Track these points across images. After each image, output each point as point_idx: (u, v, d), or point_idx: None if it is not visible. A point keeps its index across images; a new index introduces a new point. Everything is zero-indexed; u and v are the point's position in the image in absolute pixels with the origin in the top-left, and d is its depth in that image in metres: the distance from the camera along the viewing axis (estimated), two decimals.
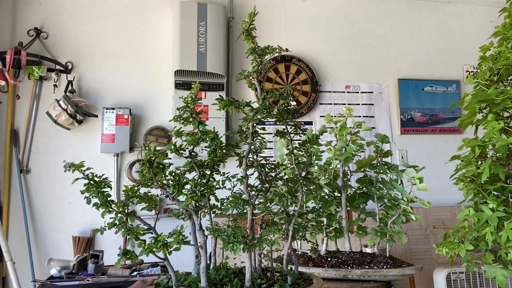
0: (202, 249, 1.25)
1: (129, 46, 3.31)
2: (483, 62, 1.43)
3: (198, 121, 1.27)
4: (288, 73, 3.51)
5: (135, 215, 1.24)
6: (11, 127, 3.05)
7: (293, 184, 1.36)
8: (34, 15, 3.19)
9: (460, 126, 1.44)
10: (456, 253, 1.27)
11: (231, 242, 1.13)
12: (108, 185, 1.26)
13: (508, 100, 1.23)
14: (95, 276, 2.30)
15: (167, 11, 3.37)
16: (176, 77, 3.16)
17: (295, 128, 1.39)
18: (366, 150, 2.07)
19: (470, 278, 2.66)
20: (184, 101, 1.28)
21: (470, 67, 3.84)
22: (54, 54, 3.18)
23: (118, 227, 1.19)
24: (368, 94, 3.66)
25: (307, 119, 3.53)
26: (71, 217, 3.07)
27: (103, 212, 1.21)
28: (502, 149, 1.20)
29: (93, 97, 3.20)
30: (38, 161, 3.09)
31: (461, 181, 1.36)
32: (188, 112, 1.28)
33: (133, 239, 1.19)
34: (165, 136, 3.20)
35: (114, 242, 3.07)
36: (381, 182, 2.00)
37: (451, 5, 3.91)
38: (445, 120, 3.73)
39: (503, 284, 1.20)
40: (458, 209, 3.39)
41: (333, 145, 2.04)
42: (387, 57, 3.73)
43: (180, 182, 1.23)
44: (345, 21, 3.70)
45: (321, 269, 1.72)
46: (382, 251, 1.94)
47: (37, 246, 3.01)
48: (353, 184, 2.08)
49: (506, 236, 1.14)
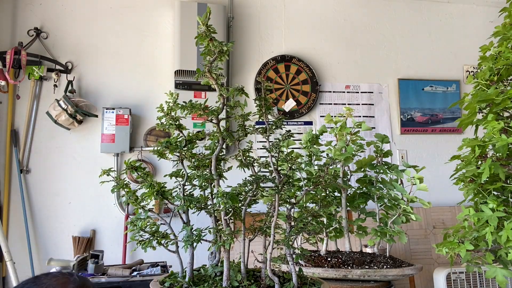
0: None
1: (129, 46, 3.31)
2: (483, 62, 1.43)
3: (176, 126, 1.34)
4: (288, 73, 3.51)
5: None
6: (11, 127, 3.05)
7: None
8: (34, 15, 3.19)
9: (460, 126, 1.44)
10: (456, 253, 1.27)
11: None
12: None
13: (508, 100, 1.23)
14: (95, 276, 2.30)
15: (167, 11, 3.37)
16: (176, 77, 3.16)
17: (275, 125, 1.38)
18: (366, 150, 2.07)
19: (470, 278, 2.66)
20: (160, 109, 1.34)
21: (470, 67, 3.84)
22: (54, 54, 3.18)
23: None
24: (368, 94, 3.66)
25: (307, 119, 3.53)
26: (71, 217, 3.07)
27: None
28: (502, 149, 1.20)
29: (93, 97, 3.20)
30: (38, 161, 3.09)
31: (461, 181, 1.37)
32: (168, 120, 1.36)
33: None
34: (165, 136, 3.20)
35: (114, 242, 3.08)
36: (381, 182, 2.00)
37: (451, 5, 3.91)
38: (445, 120, 3.73)
39: (503, 284, 1.20)
40: (458, 209, 3.39)
41: (333, 145, 2.04)
42: (387, 57, 3.73)
43: (189, 199, 1.28)
44: (345, 21, 3.70)
45: (321, 269, 1.72)
46: (382, 251, 1.94)
47: (37, 246, 3.00)
48: (353, 184, 2.07)
49: (506, 236, 1.14)
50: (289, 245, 1.27)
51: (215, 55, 1.29)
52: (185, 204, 1.29)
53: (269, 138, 1.38)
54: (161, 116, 1.38)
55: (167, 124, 1.37)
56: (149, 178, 1.34)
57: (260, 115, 1.38)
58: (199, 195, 1.37)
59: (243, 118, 1.38)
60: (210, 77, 1.32)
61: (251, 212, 1.39)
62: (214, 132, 1.37)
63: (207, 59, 1.31)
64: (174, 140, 1.35)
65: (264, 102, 1.36)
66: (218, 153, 1.37)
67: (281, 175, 1.32)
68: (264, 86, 1.38)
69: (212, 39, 1.27)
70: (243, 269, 1.29)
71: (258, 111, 1.38)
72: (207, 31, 1.26)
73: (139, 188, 1.38)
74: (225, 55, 1.29)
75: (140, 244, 1.27)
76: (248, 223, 1.36)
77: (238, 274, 1.27)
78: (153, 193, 1.30)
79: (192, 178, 1.38)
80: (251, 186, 1.29)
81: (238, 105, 1.39)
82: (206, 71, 1.31)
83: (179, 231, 1.33)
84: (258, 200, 1.34)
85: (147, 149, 3.17)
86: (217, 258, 1.33)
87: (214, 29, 1.27)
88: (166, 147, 1.33)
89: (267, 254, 1.26)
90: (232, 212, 1.26)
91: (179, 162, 1.38)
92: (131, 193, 1.34)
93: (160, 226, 1.32)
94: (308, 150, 2.00)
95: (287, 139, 1.38)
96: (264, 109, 1.36)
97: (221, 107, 1.35)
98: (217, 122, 1.35)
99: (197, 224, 1.30)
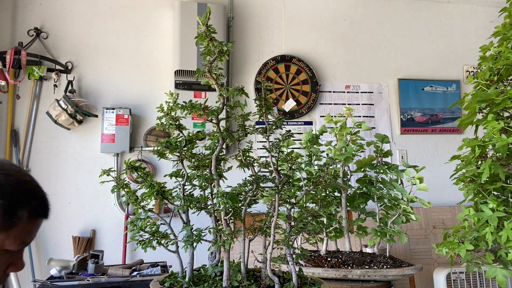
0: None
1: (129, 46, 3.31)
2: (483, 62, 1.43)
3: (176, 126, 1.35)
4: (288, 73, 3.51)
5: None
6: (11, 127, 3.05)
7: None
8: (34, 15, 3.19)
9: (460, 126, 1.44)
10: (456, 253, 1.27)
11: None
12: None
13: (508, 100, 1.23)
14: (95, 276, 2.30)
15: (167, 11, 3.37)
16: (176, 77, 3.16)
17: (275, 125, 1.38)
18: (366, 150, 2.07)
19: (470, 278, 2.66)
20: (160, 109, 1.34)
21: (470, 67, 3.84)
22: (54, 54, 3.18)
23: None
24: (368, 94, 3.66)
25: (307, 119, 3.53)
26: (71, 217, 3.07)
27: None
28: (502, 149, 1.20)
29: (93, 97, 3.20)
30: (38, 161, 3.09)
31: (461, 181, 1.37)
32: (168, 120, 1.37)
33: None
34: (165, 136, 3.19)
35: (114, 242, 3.08)
36: (381, 182, 2.00)
37: (451, 5, 3.91)
38: (445, 120, 3.73)
39: (503, 284, 1.20)
40: (458, 209, 3.39)
41: (333, 145, 2.04)
42: (387, 57, 3.73)
43: (188, 199, 1.28)
44: (345, 21, 3.70)
45: (321, 269, 1.72)
46: (382, 251, 1.94)
47: (37, 246, 3.00)
48: (353, 184, 2.07)
49: (506, 236, 1.14)
50: (289, 245, 1.27)
51: (215, 55, 1.29)
52: (185, 204, 1.29)
53: (269, 138, 1.38)
54: (161, 116, 1.38)
55: (167, 124, 1.37)
56: (149, 178, 1.34)
57: (260, 115, 1.38)
58: (199, 195, 1.37)
59: (243, 118, 1.38)
60: (210, 77, 1.32)
61: (251, 212, 1.39)
62: (214, 132, 1.37)
63: (207, 59, 1.31)
64: (174, 140, 1.35)
65: (264, 102, 1.36)
66: (218, 153, 1.37)
67: (281, 175, 1.32)
68: (264, 86, 1.38)
69: (212, 39, 1.27)
70: (243, 269, 1.29)
71: (258, 111, 1.38)
72: (207, 31, 1.26)
73: (139, 188, 1.38)
74: (225, 55, 1.29)
75: (140, 244, 1.27)
76: (248, 223, 1.36)
77: (238, 274, 1.27)
78: (153, 193, 1.30)
79: (192, 178, 1.38)
80: (251, 186, 1.29)
81: (238, 105, 1.39)
82: (206, 71, 1.31)
83: (179, 231, 1.33)
84: (258, 200, 1.34)
85: (147, 149, 3.17)
86: (217, 258, 1.33)
87: (214, 29, 1.27)
88: (166, 147, 1.33)
89: (267, 254, 1.26)
90: (232, 212, 1.26)
91: (179, 162, 1.38)
92: (131, 193, 1.34)
93: (160, 226, 1.32)
94: (308, 150, 2.00)
95: (287, 139, 1.38)
96: (264, 109, 1.36)
97: (221, 107, 1.35)
98: (217, 122, 1.35)
99: (197, 224, 1.30)
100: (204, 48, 1.29)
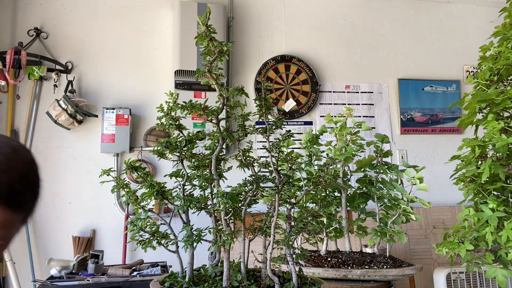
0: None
1: (129, 46, 3.31)
2: (483, 62, 1.43)
3: (176, 126, 1.35)
4: (288, 73, 3.51)
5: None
6: (11, 127, 3.05)
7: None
8: (34, 15, 3.19)
9: (460, 126, 1.44)
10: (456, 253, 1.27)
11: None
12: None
13: (508, 100, 1.23)
14: (95, 276, 2.30)
15: (167, 11, 3.37)
16: (176, 77, 3.16)
17: (275, 125, 1.38)
18: (366, 150, 2.07)
19: (470, 278, 2.66)
20: (160, 109, 1.33)
21: (470, 67, 3.84)
22: (54, 54, 3.18)
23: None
24: (368, 94, 3.65)
25: (307, 119, 3.53)
26: (71, 217, 3.07)
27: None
28: (502, 149, 1.20)
29: (93, 97, 3.20)
30: (38, 161, 3.08)
31: (461, 181, 1.37)
32: (168, 120, 1.37)
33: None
34: (165, 136, 3.19)
35: (114, 242, 3.08)
36: (381, 182, 2.00)
37: (451, 5, 3.91)
38: (445, 120, 3.73)
39: (503, 284, 1.20)
40: (458, 209, 3.39)
41: (333, 145, 2.04)
42: (387, 57, 3.73)
43: (189, 199, 1.28)
44: (345, 21, 3.70)
45: (321, 269, 1.72)
46: (382, 251, 1.94)
47: (37, 246, 3.00)
48: (353, 184, 2.07)
49: (506, 236, 1.14)
50: (289, 245, 1.27)
51: (215, 55, 1.29)
52: (185, 204, 1.29)
53: (269, 138, 1.38)
54: (161, 116, 1.38)
55: (167, 124, 1.37)
56: (149, 178, 1.34)
57: (260, 115, 1.38)
58: (199, 195, 1.37)
59: (243, 118, 1.38)
60: (210, 77, 1.32)
61: (251, 212, 1.39)
62: (214, 132, 1.37)
63: (207, 59, 1.31)
64: (174, 140, 1.35)
65: (264, 102, 1.36)
66: (218, 153, 1.37)
67: (281, 175, 1.32)
68: (264, 86, 1.38)
69: (212, 39, 1.27)
70: (243, 269, 1.29)
71: (258, 111, 1.38)
72: (207, 31, 1.26)
73: (139, 188, 1.38)
74: (225, 55, 1.29)
75: (140, 244, 1.27)
76: (248, 223, 1.36)
77: (238, 274, 1.27)
78: (153, 193, 1.30)
79: (192, 178, 1.38)
80: (251, 186, 1.29)
81: (238, 105, 1.39)
82: (206, 71, 1.31)
83: (179, 231, 1.33)
84: (258, 200, 1.34)
85: (147, 149, 3.17)
86: (217, 258, 1.33)
87: (214, 29, 1.27)
88: (166, 147, 1.33)
89: (267, 254, 1.26)
90: (232, 212, 1.26)
91: (179, 162, 1.38)
92: (131, 193, 1.34)
93: (160, 226, 1.32)
94: (308, 150, 2.00)
95: (287, 139, 1.38)
96: (264, 109, 1.36)
97: (221, 107, 1.35)
98: (217, 122, 1.35)
99: (197, 224, 1.30)
100: (204, 48, 1.29)
